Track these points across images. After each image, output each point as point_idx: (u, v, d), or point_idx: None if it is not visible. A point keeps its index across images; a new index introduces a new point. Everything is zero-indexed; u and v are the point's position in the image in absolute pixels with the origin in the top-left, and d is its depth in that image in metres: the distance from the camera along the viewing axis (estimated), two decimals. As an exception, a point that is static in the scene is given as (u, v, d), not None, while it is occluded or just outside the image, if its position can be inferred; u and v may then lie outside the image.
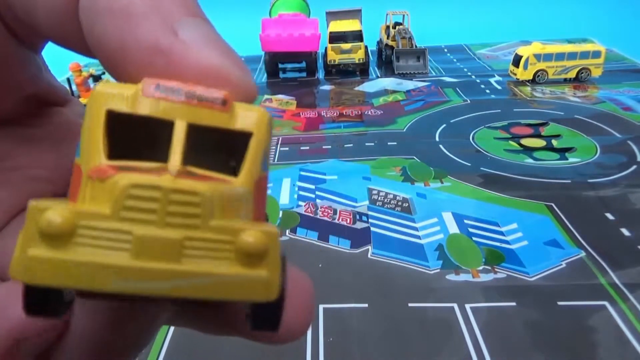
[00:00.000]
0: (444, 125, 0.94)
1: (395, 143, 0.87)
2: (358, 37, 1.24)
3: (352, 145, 0.87)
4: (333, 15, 1.34)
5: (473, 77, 1.22)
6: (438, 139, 0.88)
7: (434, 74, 1.25)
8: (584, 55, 1.11)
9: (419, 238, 0.60)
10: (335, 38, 1.24)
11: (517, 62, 1.13)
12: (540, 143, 0.85)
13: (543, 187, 0.70)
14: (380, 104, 1.07)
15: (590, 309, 0.49)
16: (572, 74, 1.13)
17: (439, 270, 0.55)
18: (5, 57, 0.13)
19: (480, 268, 0.55)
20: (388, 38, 1.34)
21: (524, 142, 0.85)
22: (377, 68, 1.34)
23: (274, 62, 1.25)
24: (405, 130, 0.92)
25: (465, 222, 0.63)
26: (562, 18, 1.64)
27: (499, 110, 0.99)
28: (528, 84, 1.13)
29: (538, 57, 1.11)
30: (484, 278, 0.53)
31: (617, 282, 0.52)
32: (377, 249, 0.59)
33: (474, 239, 0.59)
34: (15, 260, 0.08)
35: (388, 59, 1.31)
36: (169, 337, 0.48)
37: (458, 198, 0.69)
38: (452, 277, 0.54)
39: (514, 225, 0.62)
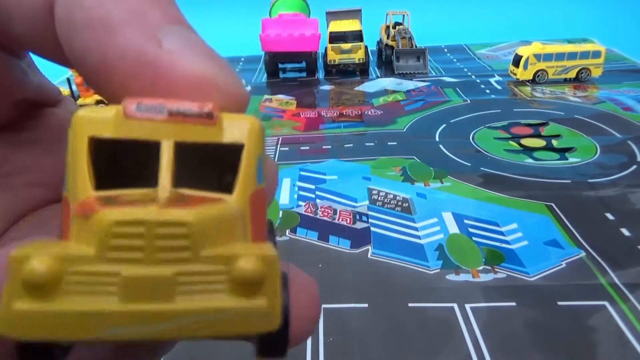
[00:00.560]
0: (444, 125, 0.94)
1: (395, 143, 0.87)
2: (358, 37, 1.24)
3: (352, 145, 0.87)
4: (333, 15, 1.34)
5: (473, 77, 1.22)
6: (438, 139, 0.88)
7: (434, 74, 1.25)
8: (584, 55, 1.11)
9: (419, 238, 0.60)
10: (335, 38, 1.24)
11: (517, 62, 1.13)
12: (540, 143, 0.85)
13: (543, 187, 0.70)
14: (380, 104, 1.07)
15: (590, 309, 0.49)
16: (572, 74, 1.13)
17: (439, 270, 0.55)
18: None
19: (480, 268, 0.55)
20: (388, 38, 1.34)
21: (524, 142, 0.85)
22: (377, 68, 1.34)
23: (274, 62, 1.25)
24: (405, 130, 0.92)
25: (465, 222, 0.63)
26: (562, 18, 1.64)
27: (499, 110, 0.99)
28: (528, 84, 1.13)
29: (538, 57, 1.11)
30: (484, 278, 0.53)
31: (617, 282, 0.52)
32: (377, 249, 0.59)
33: (474, 239, 0.60)
34: (1, 317, 0.08)
35: (388, 59, 1.31)
36: (169, 337, 0.47)
37: (458, 198, 0.69)
38: (452, 277, 0.54)
39: (514, 225, 0.62)
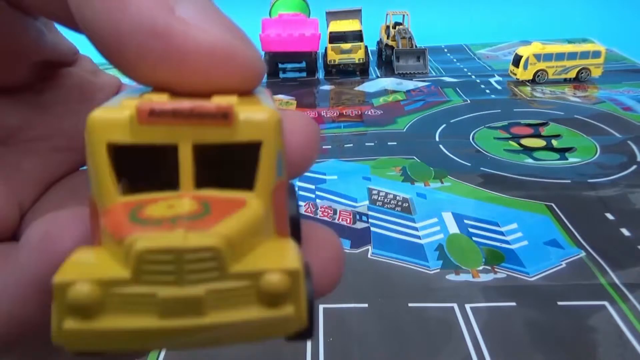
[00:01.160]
0: (444, 125, 0.94)
1: (395, 143, 0.87)
2: (358, 37, 1.24)
3: (352, 145, 0.87)
4: (333, 15, 1.33)
5: (473, 77, 1.22)
6: (438, 139, 0.88)
7: (434, 74, 1.25)
8: (584, 55, 1.11)
9: (419, 238, 0.60)
10: (335, 38, 1.24)
11: (517, 62, 1.13)
12: (540, 143, 0.85)
13: (543, 187, 0.70)
14: (380, 104, 1.07)
15: (590, 309, 0.49)
16: (572, 74, 1.13)
17: (439, 270, 0.55)
18: (5, 26, 0.13)
19: (480, 268, 0.55)
20: (388, 38, 1.34)
21: (524, 142, 0.85)
22: (377, 68, 1.33)
23: (274, 62, 1.25)
24: (405, 130, 0.92)
25: (465, 222, 0.63)
26: (562, 18, 1.64)
27: (499, 110, 0.99)
28: (528, 84, 1.13)
29: (538, 57, 1.11)
30: (484, 278, 0.53)
31: (617, 282, 0.52)
32: (377, 249, 0.59)
33: (474, 239, 0.59)
34: (54, 333, 0.09)
35: (388, 59, 1.31)
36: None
37: (458, 198, 0.69)
38: (452, 277, 0.54)
39: (514, 225, 0.62)
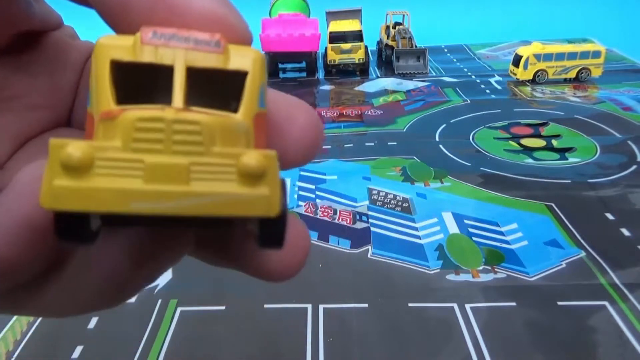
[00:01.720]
0: (444, 125, 0.94)
1: (395, 143, 0.87)
2: (358, 37, 1.24)
3: (352, 145, 0.87)
4: (333, 15, 1.34)
5: (473, 77, 1.22)
6: (438, 139, 0.88)
7: (434, 74, 1.25)
8: (584, 55, 1.11)
9: (419, 238, 0.60)
10: (335, 38, 1.24)
11: (517, 62, 1.13)
12: (540, 143, 0.85)
13: (543, 187, 0.70)
14: (380, 104, 1.07)
15: (590, 309, 0.49)
16: (572, 74, 1.13)
17: (439, 270, 0.55)
18: None
19: (480, 268, 0.55)
20: (388, 38, 1.34)
21: (524, 142, 0.85)
22: (377, 68, 1.34)
23: (274, 62, 1.25)
24: (405, 130, 0.92)
25: (465, 222, 0.63)
26: (562, 18, 1.64)
27: (499, 110, 0.99)
28: (528, 84, 1.13)
29: (538, 57, 1.11)
30: (484, 278, 0.53)
31: (617, 282, 0.52)
32: (377, 249, 0.59)
33: (474, 239, 0.60)
34: (44, 191, 0.09)
35: (388, 59, 1.31)
36: (169, 337, 0.48)
37: (458, 198, 0.69)
38: (452, 277, 0.54)
39: (514, 225, 0.62)
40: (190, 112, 0.10)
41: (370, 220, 0.64)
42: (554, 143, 0.85)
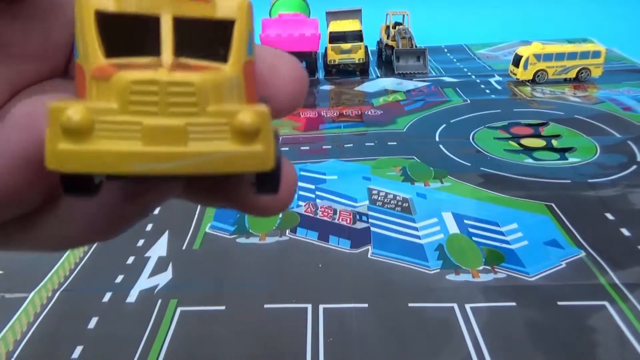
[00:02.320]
0: (444, 125, 0.94)
1: (395, 143, 0.87)
2: (358, 37, 1.24)
3: (352, 145, 0.87)
4: (333, 15, 1.34)
5: (473, 77, 1.22)
6: (438, 139, 0.88)
7: (434, 74, 1.25)
8: (584, 55, 1.11)
9: (419, 238, 0.60)
10: (335, 38, 1.24)
11: (517, 62, 1.13)
12: (540, 143, 0.85)
13: (543, 187, 0.70)
14: (380, 104, 1.07)
15: (590, 309, 0.49)
16: (572, 74, 1.13)
17: (439, 270, 0.55)
18: None
19: (480, 268, 0.55)
20: (388, 38, 1.34)
21: (524, 142, 0.85)
22: (377, 68, 1.34)
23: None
24: (405, 130, 0.93)
25: (465, 222, 0.63)
26: (562, 18, 1.64)
27: (499, 110, 0.99)
28: (528, 84, 1.13)
29: (538, 57, 1.11)
30: (484, 278, 0.53)
31: (617, 282, 0.52)
32: (377, 249, 0.59)
33: (474, 239, 0.60)
34: (48, 155, 0.10)
35: (388, 59, 1.31)
36: (169, 337, 0.48)
37: (458, 198, 0.69)
38: (452, 277, 0.54)
39: (514, 225, 0.62)
40: (183, 70, 0.10)
41: (370, 220, 0.64)
42: (554, 143, 0.85)
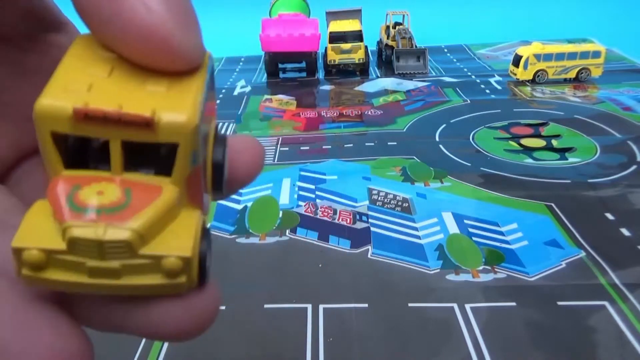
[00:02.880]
0: (444, 125, 0.94)
1: (395, 143, 0.87)
2: (358, 37, 1.24)
3: (352, 145, 0.87)
4: (333, 15, 1.33)
5: (473, 77, 1.22)
6: (438, 139, 0.88)
7: (434, 74, 1.25)
8: (584, 55, 1.11)
9: (419, 238, 0.61)
10: (335, 38, 1.24)
11: (517, 62, 1.13)
12: (540, 143, 0.85)
13: (543, 187, 0.70)
14: (380, 104, 1.07)
15: (590, 309, 0.49)
16: (572, 74, 1.13)
17: (439, 270, 0.55)
18: None
19: (480, 268, 0.55)
20: (388, 38, 1.34)
21: (524, 142, 0.85)
22: (377, 68, 1.33)
23: (274, 62, 1.25)
24: (405, 130, 0.93)
25: (465, 222, 0.63)
26: (562, 18, 1.64)
27: (499, 110, 0.99)
28: (528, 84, 1.13)
29: (538, 57, 1.11)
30: (484, 278, 0.53)
31: (617, 282, 0.52)
32: (377, 249, 0.59)
33: (474, 239, 0.60)
34: (18, 273, 0.12)
35: (388, 59, 1.31)
36: (169, 337, 0.47)
37: (458, 198, 0.69)
38: (452, 277, 0.54)
39: (514, 225, 0.62)
40: (122, 220, 0.12)
41: (370, 220, 0.64)
42: (554, 143, 0.85)
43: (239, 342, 0.47)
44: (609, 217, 0.63)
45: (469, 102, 1.05)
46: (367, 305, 0.50)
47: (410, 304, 0.50)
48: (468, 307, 0.50)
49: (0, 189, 0.15)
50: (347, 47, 1.23)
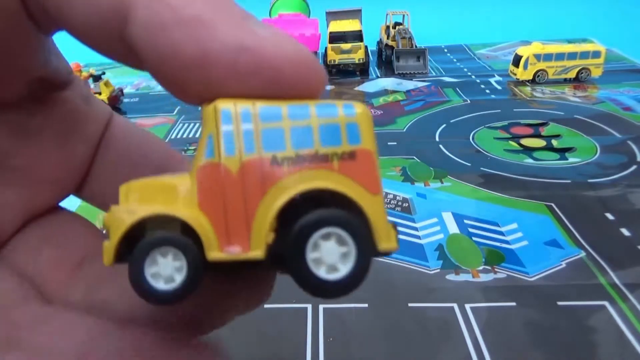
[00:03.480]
0: (444, 125, 0.94)
1: (395, 143, 0.87)
2: (358, 37, 1.24)
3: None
4: (333, 15, 1.33)
5: (473, 77, 1.22)
6: (438, 139, 0.88)
7: (434, 74, 1.25)
8: (584, 55, 1.11)
9: (419, 238, 0.60)
10: (335, 38, 1.24)
11: (517, 62, 1.13)
12: (540, 143, 0.85)
13: (543, 187, 0.70)
14: (380, 104, 1.07)
15: (590, 309, 0.49)
16: (572, 74, 1.13)
17: (439, 270, 0.55)
18: (20, 41, 0.13)
19: (480, 268, 0.55)
20: (388, 38, 1.34)
21: (524, 142, 0.85)
22: (377, 68, 1.33)
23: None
24: (405, 130, 0.92)
25: (465, 222, 0.63)
26: (562, 18, 1.64)
27: (499, 110, 0.99)
28: (528, 84, 1.13)
29: (538, 57, 1.11)
30: (484, 278, 0.53)
31: (617, 282, 0.52)
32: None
33: (474, 239, 0.59)
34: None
35: (388, 59, 1.31)
36: (169, 337, 0.47)
37: (458, 198, 0.69)
38: (452, 277, 0.54)
39: (514, 225, 0.62)
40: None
41: (370, 220, 0.64)
42: (554, 143, 0.85)
43: (239, 342, 0.47)
44: (609, 217, 0.63)
45: (469, 102, 1.05)
46: (367, 305, 0.50)
47: (410, 304, 0.50)
48: (468, 307, 0.50)
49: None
50: (347, 47, 1.23)
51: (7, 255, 0.14)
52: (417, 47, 1.29)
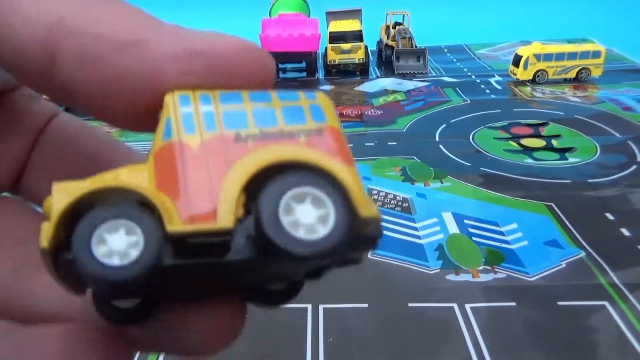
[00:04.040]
0: (444, 125, 0.94)
1: (395, 143, 0.87)
2: (358, 37, 1.24)
3: (352, 145, 0.86)
4: (333, 15, 1.33)
5: (473, 77, 1.22)
6: (438, 139, 0.88)
7: (434, 74, 1.25)
8: (584, 55, 1.11)
9: (419, 238, 0.60)
10: (335, 38, 1.24)
11: (517, 62, 1.13)
12: (540, 143, 0.85)
13: (543, 187, 0.70)
14: (380, 104, 1.07)
15: (590, 309, 0.49)
16: (572, 74, 1.13)
17: (439, 270, 0.55)
18: None
19: (480, 268, 0.55)
20: (388, 38, 1.34)
21: (524, 142, 0.85)
22: (377, 68, 1.34)
23: (274, 62, 1.25)
24: (405, 130, 0.92)
25: (465, 222, 0.63)
26: (562, 18, 1.64)
27: (499, 110, 0.99)
28: (528, 84, 1.13)
29: (538, 57, 1.11)
30: (484, 278, 0.53)
31: (617, 282, 0.52)
32: (377, 249, 0.59)
33: (474, 239, 0.59)
34: None
35: (388, 59, 1.31)
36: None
37: (458, 198, 0.69)
38: (452, 277, 0.54)
39: (514, 225, 0.62)
40: None
41: (370, 220, 0.64)
42: (554, 143, 0.85)
43: (240, 342, 0.47)
44: (609, 217, 0.63)
45: (469, 102, 1.05)
46: (367, 305, 0.50)
47: (410, 304, 0.50)
48: (468, 307, 0.50)
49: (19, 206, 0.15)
50: (347, 47, 1.23)
51: None
52: (417, 47, 1.29)
